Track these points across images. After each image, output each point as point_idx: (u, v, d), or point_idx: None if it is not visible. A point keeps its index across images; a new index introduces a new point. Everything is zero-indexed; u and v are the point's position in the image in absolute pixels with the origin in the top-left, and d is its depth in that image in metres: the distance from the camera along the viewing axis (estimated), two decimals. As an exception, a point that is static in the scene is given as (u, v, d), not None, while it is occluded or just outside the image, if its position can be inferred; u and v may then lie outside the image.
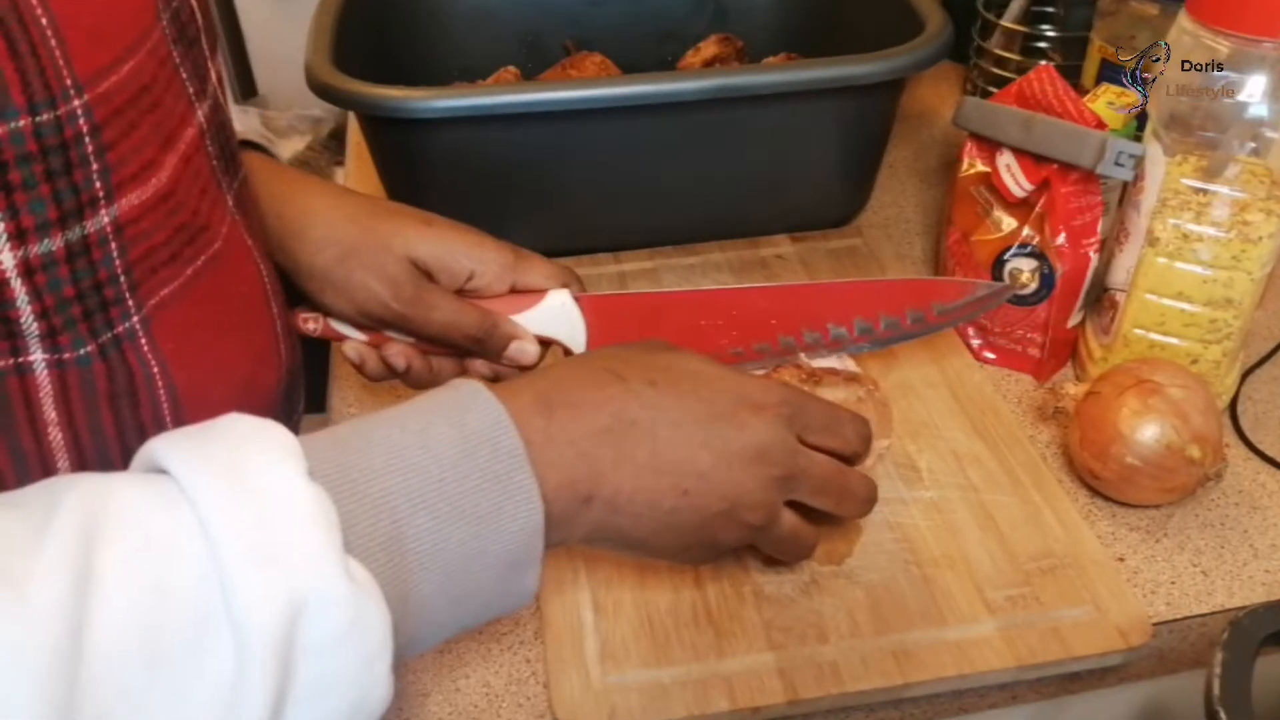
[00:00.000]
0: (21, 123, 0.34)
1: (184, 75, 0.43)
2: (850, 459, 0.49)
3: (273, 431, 0.35)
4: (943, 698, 0.52)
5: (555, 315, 0.59)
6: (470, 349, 0.58)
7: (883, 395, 0.57)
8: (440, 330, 0.56)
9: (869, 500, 0.50)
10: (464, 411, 0.39)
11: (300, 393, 0.57)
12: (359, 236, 0.56)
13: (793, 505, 0.48)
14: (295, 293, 0.57)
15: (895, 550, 0.56)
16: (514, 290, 0.59)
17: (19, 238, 0.35)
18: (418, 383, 0.58)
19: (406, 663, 0.53)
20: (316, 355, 0.73)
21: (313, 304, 0.58)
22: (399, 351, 0.57)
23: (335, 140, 1.57)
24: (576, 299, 0.59)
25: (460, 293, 0.58)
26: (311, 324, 0.59)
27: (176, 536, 0.31)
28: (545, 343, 0.59)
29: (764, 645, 0.52)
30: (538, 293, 0.59)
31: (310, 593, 0.31)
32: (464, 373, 0.59)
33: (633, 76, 0.77)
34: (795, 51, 0.88)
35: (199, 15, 0.46)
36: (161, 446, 0.34)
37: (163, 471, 0.33)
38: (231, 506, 0.32)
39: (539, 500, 0.38)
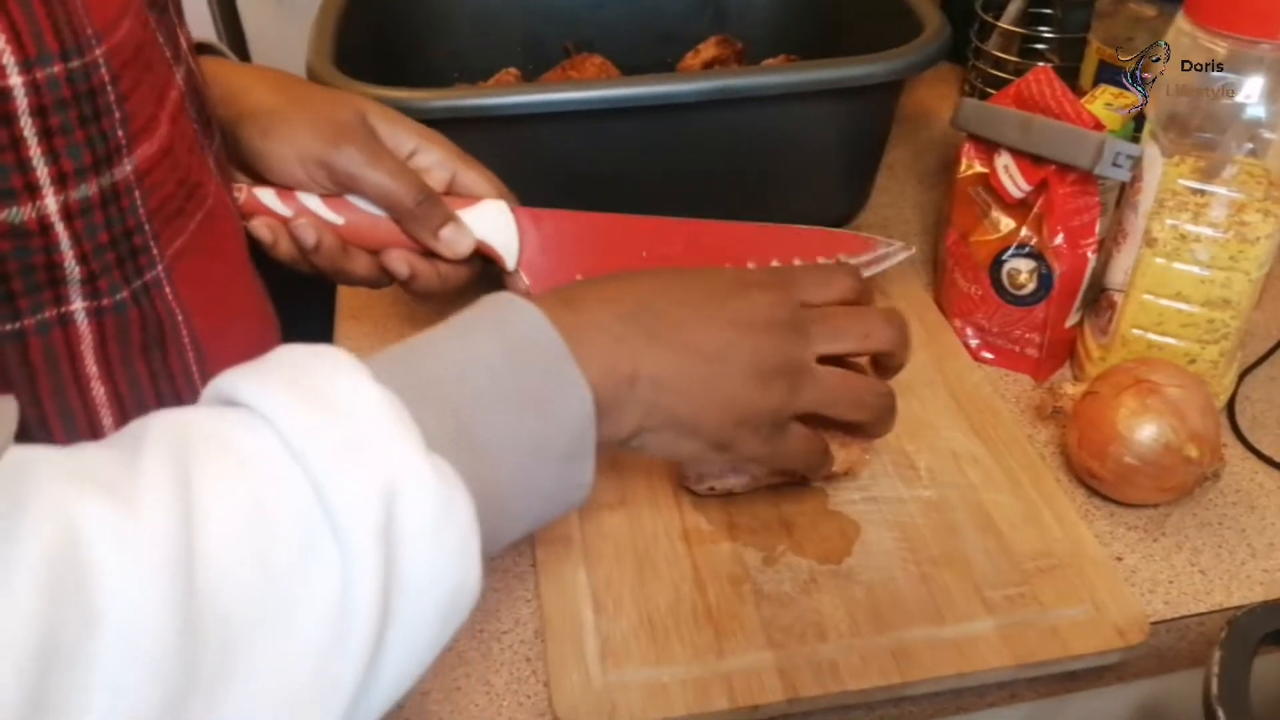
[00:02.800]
0: (56, 69, 0.36)
1: (160, 40, 0.45)
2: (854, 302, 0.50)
3: (332, 350, 0.35)
4: (942, 696, 0.53)
5: (491, 221, 0.58)
6: (403, 219, 0.56)
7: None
8: (377, 188, 0.55)
9: (889, 355, 0.51)
10: (502, 318, 0.40)
11: None
12: (313, 88, 0.58)
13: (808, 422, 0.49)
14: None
15: (894, 549, 0.57)
16: (451, 191, 0.59)
17: (60, 182, 0.37)
18: (329, 262, 0.56)
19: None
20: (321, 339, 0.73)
21: (246, 169, 0.57)
22: (308, 224, 0.55)
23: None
24: (512, 210, 0.60)
25: None
26: (236, 193, 0.56)
27: (264, 449, 0.32)
28: (476, 251, 0.59)
29: (763, 644, 0.52)
30: (473, 200, 0.59)
31: (400, 482, 0.32)
32: (379, 267, 0.58)
33: (633, 78, 0.77)
34: (794, 53, 0.89)
35: None
36: (227, 379, 0.34)
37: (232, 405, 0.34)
38: (310, 415, 0.32)
39: (587, 388, 0.39)
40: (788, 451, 0.48)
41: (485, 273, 0.62)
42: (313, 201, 0.56)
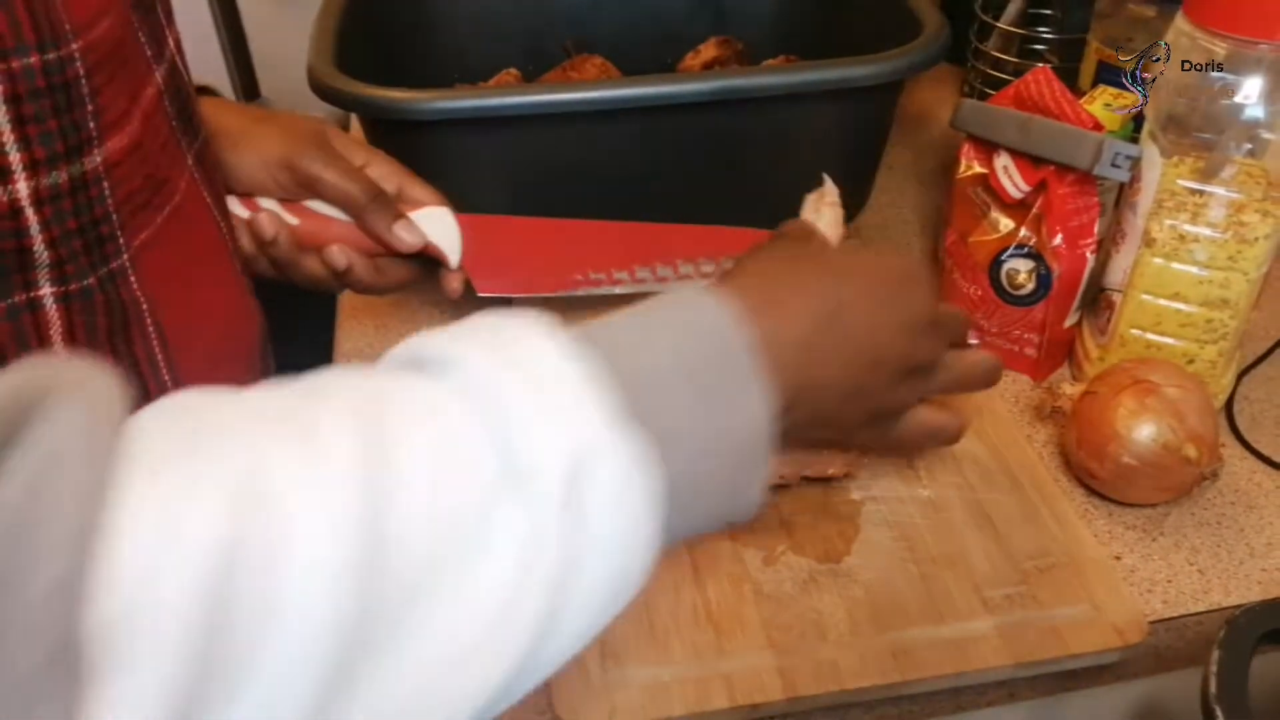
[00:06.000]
0: (33, 59, 0.37)
1: (142, 39, 0.47)
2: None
3: (528, 314, 0.35)
4: (941, 695, 0.53)
5: (435, 223, 0.63)
6: (359, 215, 0.61)
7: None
8: (335, 186, 0.60)
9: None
10: (693, 311, 0.40)
11: (271, 357, 0.61)
12: (277, 112, 0.64)
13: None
14: None
15: (893, 549, 0.57)
16: (399, 201, 0.63)
17: (32, 168, 0.39)
18: (284, 256, 0.61)
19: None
20: (318, 358, 0.73)
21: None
22: (268, 218, 0.60)
23: (336, 141, 1.57)
24: (455, 216, 0.64)
25: None
26: None
27: (456, 401, 0.32)
28: (421, 252, 0.63)
29: (763, 643, 0.52)
30: (417, 206, 0.63)
31: (590, 450, 0.32)
32: (322, 265, 0.62)
33: (633, 79, 0.77)
34: (794, 54, 0.89)
35: None
36: (417, 339, 0.34)
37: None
38: (503, 372, 0.32)
39: (766, 393, 0.39)
40: (903, 437, 0.50)
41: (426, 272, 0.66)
42: (272, 205, 0.61)
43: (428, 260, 0.64)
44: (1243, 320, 0.62)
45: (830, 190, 0.63)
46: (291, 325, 0.63)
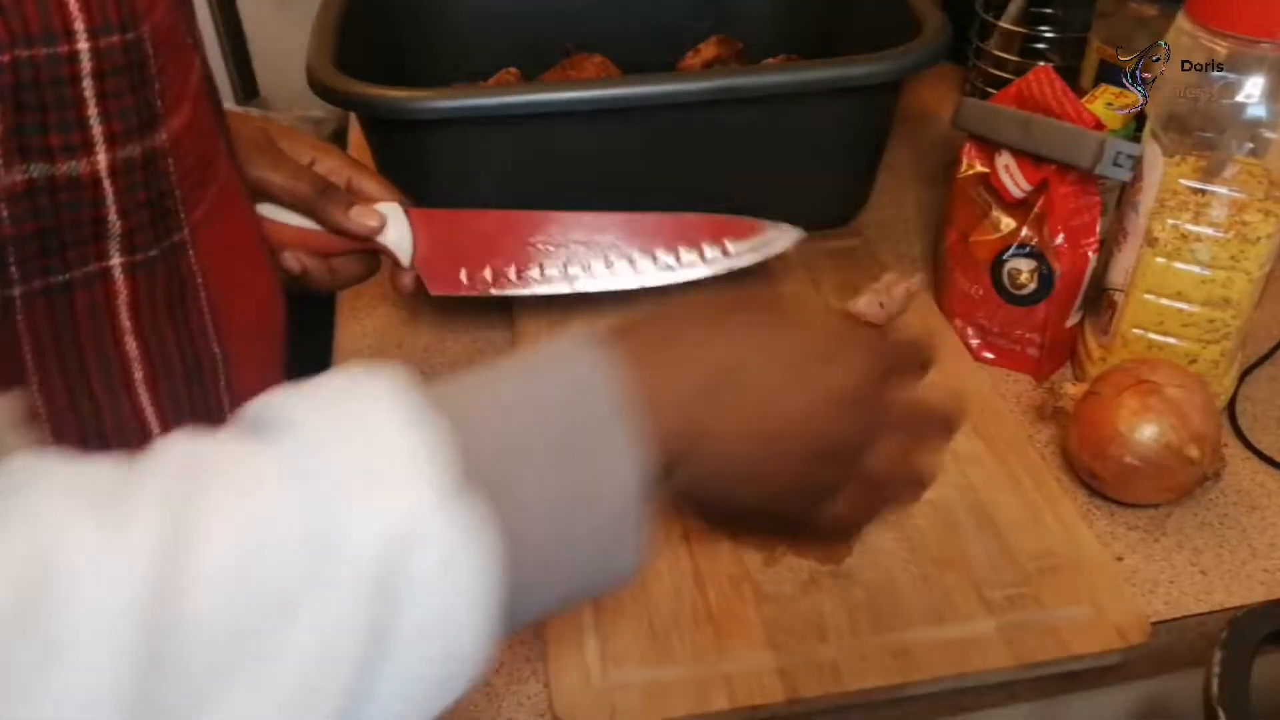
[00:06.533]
0: (115, 38, 0.40)
1: (183, 28, 0.48)
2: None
3: (386, 372, 0.34)
4: (942, 697, 0.52)
5: (388, 219, 0.63)
6: (311, 210, 0.61)
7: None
8: (283, 186, 0.60)
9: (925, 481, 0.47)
10: (571, 361, 0.38)
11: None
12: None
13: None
14: None
15: (895, 550, 0.56)
16: (348, 190, 0.64)
17: (111, 141, 0.41)
18: None
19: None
20: (318, 357, 0.73)
21: None
22: None
23: (336, 141, 1.57)
24: (406, 211, 0.64)
25: None
26: None
27: (274, 475, 0.31)
28: (372, 251, 0.63)
29: (764, 644, 0.52)
30: (370, 200, 0.63)
31: (413, 528, 0.31)
32: (277, 268, 0.62)
33: (633, 77, 0.77)
34: (794, 53, 0.89)
35: None
36: (264, 398, 0.34)
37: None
38: (333, 440, 0.31)
39: (641, 453, 0.37)
40: (822, 525, 0.46)
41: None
42: None
43: (382, 254, 0.64)
44: (1245, 320, 0.62)
45: (896, 279, 0.61)
46: (291, 325, 0.62)
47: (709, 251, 0.70)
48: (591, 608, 0.54)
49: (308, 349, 0.60)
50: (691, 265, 0.70)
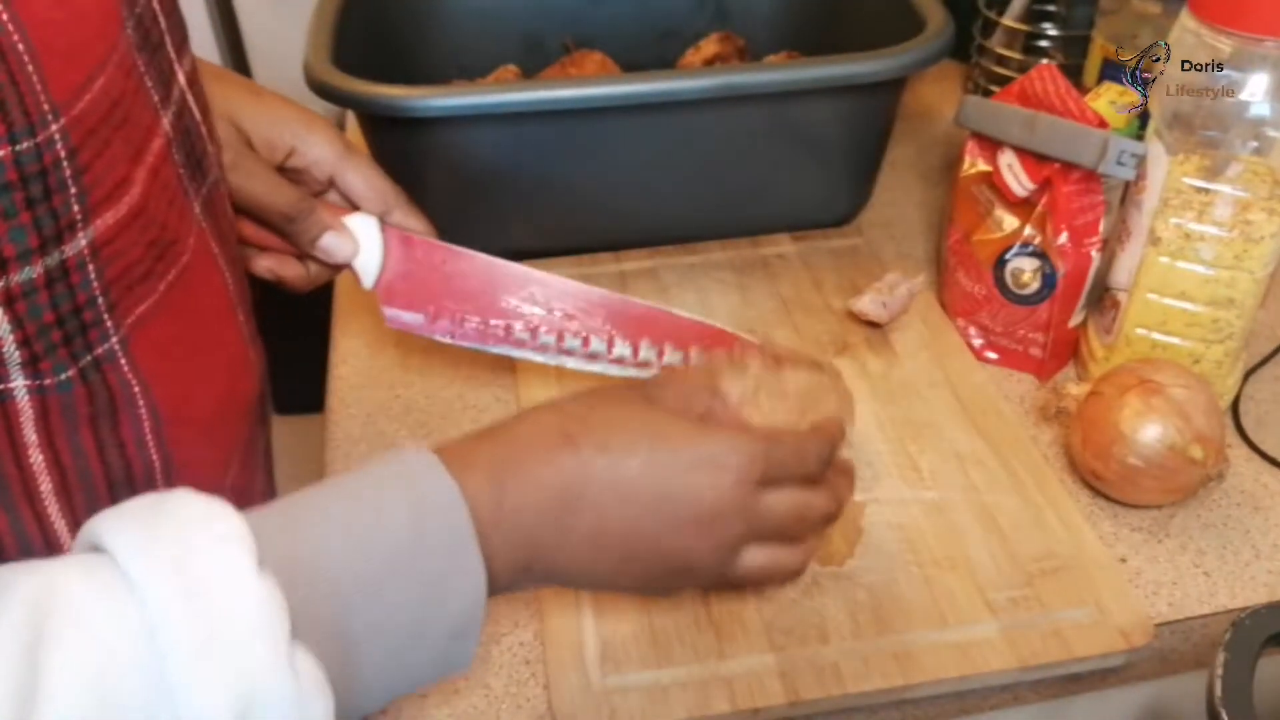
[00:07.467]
0: (2, 153, 0.34)
1: (149, 84, 0.43)
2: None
3: (222, 515, 0.34)
4: (944, 699, 0.52)
5: (360, 233, 0.59)
6: (281, 229, 0.57)
7: (845, 385, 0.54)
8: (253, 201, 0.56)
9: (833, 517, 0.48)
10: (417, 487, 0.38)
11: (269, 399, 0.57)
12: None
13: None
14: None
15: (897, 551, 0.56)
16: (331, 184, 0.60)
17: (1, 268, 0.35)
18: None
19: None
20: (316, 355, 0.73)
21: None
22: None
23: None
24: (384, 229, 0.59)
25: (279, 171, 0.58)
26: None
27: (122, 635, 0.30)
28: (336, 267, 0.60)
29: (765, 646, 0.52)
30: (343, 212, 0.59)
31: (256, 692, 0.31)
32: (248, 277, 0.57)
33: (633, 75, 0.77)
34: (796, 50, 0.88)
35: (161, 17, 0.45)
36: (108, 529, 0.33)
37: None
38: (177, 602, 0.31)
39: (484, 577, 0.38)
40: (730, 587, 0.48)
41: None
42: None
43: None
44: (1249, 320, 0.62)
45: (898, 278, 0.60)
46: (291, 324, 0.62)
47: (696, 360, 0.62)
48: (591, 609, 0.53)
49: (306, 349, 0.59)
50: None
